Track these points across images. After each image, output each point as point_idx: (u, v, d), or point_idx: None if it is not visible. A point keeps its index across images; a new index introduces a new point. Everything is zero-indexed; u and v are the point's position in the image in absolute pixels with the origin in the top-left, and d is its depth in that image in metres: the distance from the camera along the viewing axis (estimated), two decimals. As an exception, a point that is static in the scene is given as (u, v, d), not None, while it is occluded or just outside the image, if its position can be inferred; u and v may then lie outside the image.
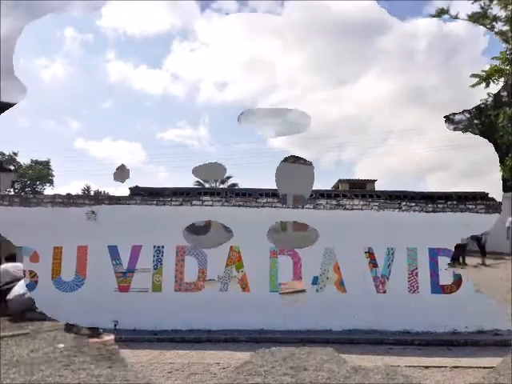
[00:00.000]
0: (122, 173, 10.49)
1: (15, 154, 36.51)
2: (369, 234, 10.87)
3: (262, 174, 66.61)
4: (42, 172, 36.64)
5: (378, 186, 26.94)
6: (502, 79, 14.22)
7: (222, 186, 34.94)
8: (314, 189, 11.63)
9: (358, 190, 13.37)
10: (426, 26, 78.16)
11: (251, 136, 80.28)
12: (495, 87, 14.36)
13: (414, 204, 11.16)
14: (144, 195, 11.10)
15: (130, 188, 11.38)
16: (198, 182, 36.95)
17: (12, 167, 36.27)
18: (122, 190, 74.59)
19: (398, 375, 6.89)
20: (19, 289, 10.68)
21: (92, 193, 39.51)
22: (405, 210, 11.12)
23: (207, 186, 36.01)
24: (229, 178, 37.61)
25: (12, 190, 36.08)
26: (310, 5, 74.72)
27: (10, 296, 10.71)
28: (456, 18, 14.65)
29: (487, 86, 14.29)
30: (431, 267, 10.80)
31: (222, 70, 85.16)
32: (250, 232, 10.76)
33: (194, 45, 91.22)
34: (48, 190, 37.50)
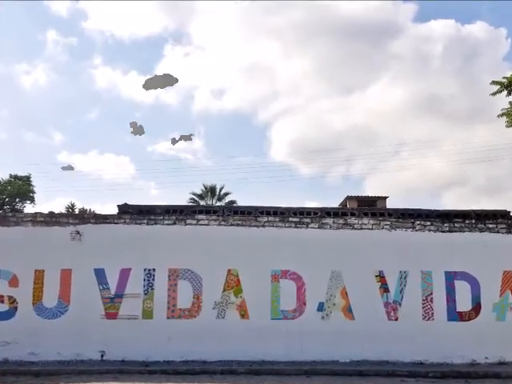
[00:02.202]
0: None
1: (-8, 168, 36.77)
2: (379, 256, 10.98)
3: (262, 190, 66.76)
4: (21, 188, 36.76)
5: (390, 204, 26.93)
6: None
7: (218, 204, 35.01)
8: (319, 206, 11.76)
9: (368, 208, 13.47)
10: (442, 28, 78.95)
11: (251, 149, 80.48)
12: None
13: (428, 223, 11.26)
14: (133, 213, 11.20)
15: (118, 206, 11.48)
16: (192, 198, 37.07)
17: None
18: (109, 207, 74.62)
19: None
20: None
21: (77, 211, 39.50)
22: (419, 229, 11.22)
23: (203, 203, 36.09)
24: (226, 194, 37.67)
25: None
26: (314, 4, 75.93)
27: None
28: None
29: (509, 93, 14.48)
30: (448, 292, 10.89)
31: (218, 75, 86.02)
32: (250, 254, 10.86)
33: (189, 49, 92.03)
34: (29, 208, 37.61)
